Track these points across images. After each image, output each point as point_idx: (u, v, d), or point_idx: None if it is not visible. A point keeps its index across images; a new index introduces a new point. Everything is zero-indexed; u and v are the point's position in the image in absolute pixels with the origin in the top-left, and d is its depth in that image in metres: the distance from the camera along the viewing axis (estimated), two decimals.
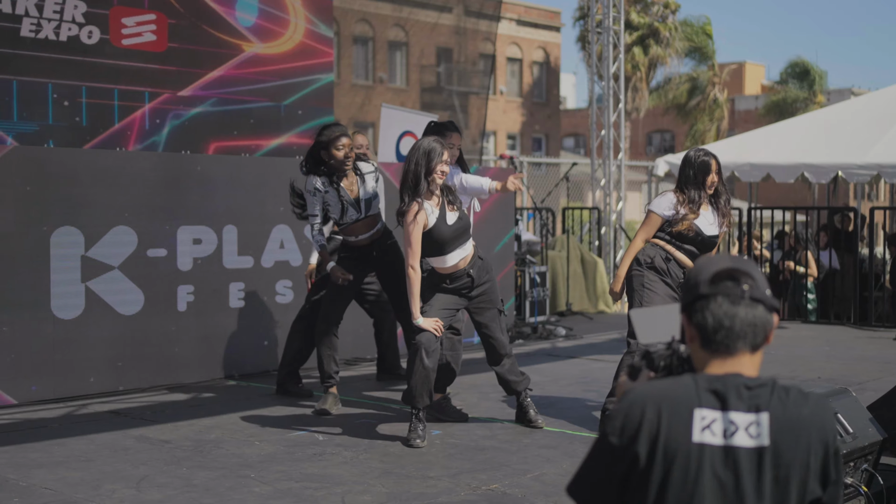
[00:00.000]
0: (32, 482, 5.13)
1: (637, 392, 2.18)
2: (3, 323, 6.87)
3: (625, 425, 2.14)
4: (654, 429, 2.12)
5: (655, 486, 2.11)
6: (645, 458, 2.12)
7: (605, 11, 14.83)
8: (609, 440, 2.16)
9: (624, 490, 2.15)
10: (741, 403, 2.14)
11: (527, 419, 6.46)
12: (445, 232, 5.96)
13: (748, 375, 2.20)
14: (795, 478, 2.14)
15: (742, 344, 2.20)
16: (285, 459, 5.59)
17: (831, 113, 15.79)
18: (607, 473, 2.16)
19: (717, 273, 2.22)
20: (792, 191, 30.68)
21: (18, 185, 6.94)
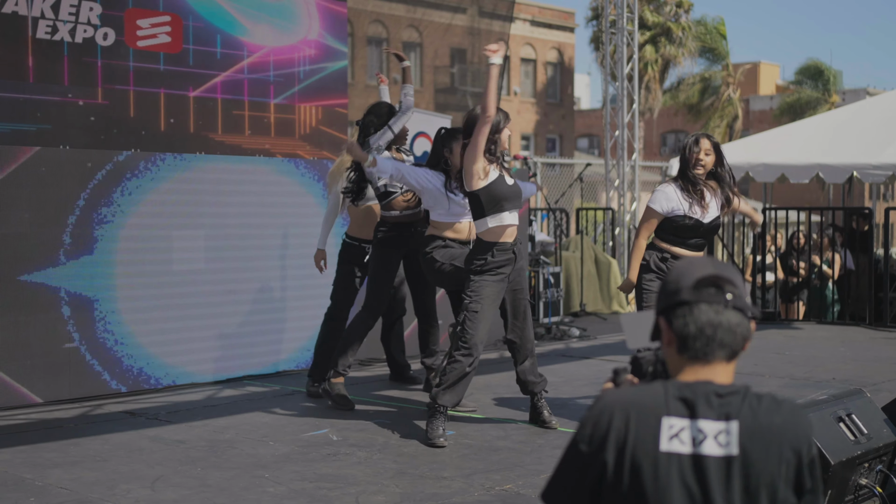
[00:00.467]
0: (48, 482, 5.16)
1: (606, 399, 2.16)
2: (20, 323, 6.90)
3: (593, 433, 2.13)
4: (622, 437, 2.10)
5: (624, 495, 2.10)
6: (613, 467, 2.10)
7: (619, 12, 14.82)
8: (579, 447, 2.15)
9: (595, 497, 2.14)
10: (711, 411, 2.12)
11: (541, 420, 6.46)
12: (505, 189, 6.04)
13: (720, 383, 2.17)
14: (766, 487, 2.11)
15: (720, 352, 2.18)
16: (299, 460, 5.61)
17: (846, 113, 15.73)
18: (578, 481, 2.15)
19: (699, 279, 2.18)
20: (807, 191, 30.60)
21: (34, 186, 6.97)
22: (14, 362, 6.88)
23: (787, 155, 13.52)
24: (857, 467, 4.57)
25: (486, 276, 6.02)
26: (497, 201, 6.02)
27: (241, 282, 8.08)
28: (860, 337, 10.89)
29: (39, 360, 7.00)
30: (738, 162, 13.90)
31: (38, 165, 7.03)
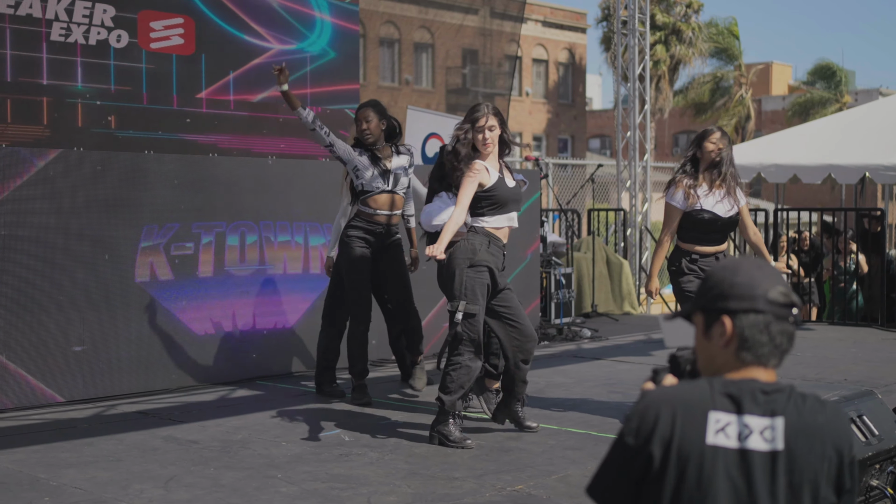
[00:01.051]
0: (63, 482, 5.19)
1: (653, 395, 2.22)
2: (35, 323, 6.94)
3: (640, 427, 2.18)
4: (668, 430, 2.15)
5: (670, 488, 2.15)
6: (659, 459, 2.15)
7: (631, 12, 14.81)
8: (625, 441, 2.21)
9: (640, 491, 2.19)
10: (756, 407, 2.17)
11: (518, 421, 6.36)
12: (506, 192, 6.00)
13: (765, 381, 2.22)
14: (809, 484, 2.15)
15: (776, 360, 2.26)
16: (312, 460, 5.63)
17: (859, 113, 15.69)
18: (623, 473, 2.20)
19: (775, 294, 2.24)
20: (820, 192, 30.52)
21: (49, 188, 7.01)
22: (29, 362, 6.92)
23: (799, 155, 13.50)
24: (868, 468, 4.58)
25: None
26: (499, 205, 5.96)
27: (254, 283, 8.11)
28: (872, 338, 10.87)
29: (53, 361, 7.04)
30: (751, 162, 13.88)
31: (52, 167, 7.07)
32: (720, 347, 2.25)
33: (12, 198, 6.85)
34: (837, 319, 12.29)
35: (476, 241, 5.89)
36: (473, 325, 5.84)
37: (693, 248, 6.49)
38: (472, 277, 5.84)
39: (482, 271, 5.85)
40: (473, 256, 5.84)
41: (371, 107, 7.12)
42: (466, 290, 5.83)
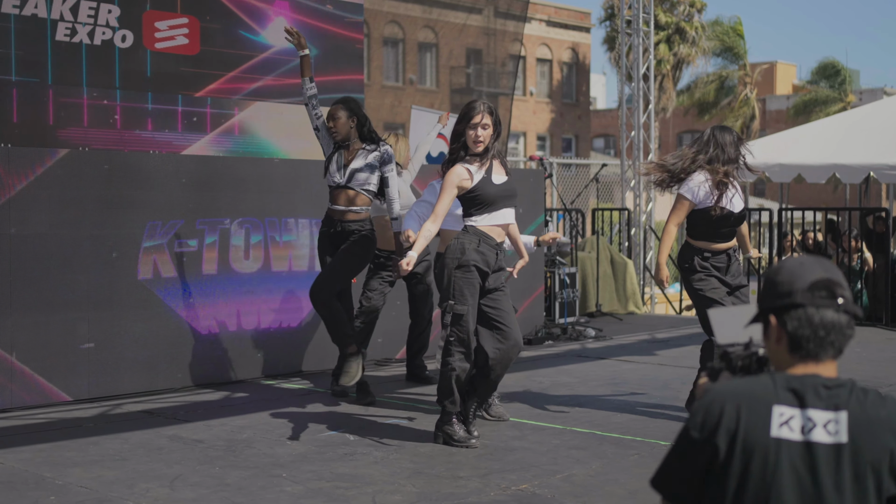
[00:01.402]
0: (68, 481, 5.21)
1: (717, 389, 2.28)
2: (40, 323, 6.96)
3: (705, 420, 2.24)
4: (734, 424, 2.21)
5: (735, 480, 2.21)
6: (724, 452, 2.21)
7: (635, 12, 14.81)
8: (690, 434, 2.26)
9: (704, 483, 2.26)
10: (819, 402, 2.23)
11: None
12: (492, 190, 5.86)
13: (826, 376, 2.28)
14: (872, 475, 2.20)
15: (830, 351, 2.30)
16: (316, 459, 5.64)
17: (863, 113, 15.68)
18: (688, 466, 2.27)
19: (814, 283, 2.29)
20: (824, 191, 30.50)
21: (55, 187, 7.03)
22: (34, 361, 6.94)
23: (803, 155, 13.49)
24: None
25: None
26: (486, 204, 5.88)
27: (261, 282, 8.12)
28: (876, 337, 10.87)
29: (59, 360, 7.05)
30: (755, 162, 13.84)
31: (58, 166, 7.08)
32: (775, 346, 2.32)
33: (18, 197, 6.87)
34: None
35: (465, 241, 5.84)
36: (462, 325, 5.81)
37: (707, 245, 6.52)
38: (460, 278, 5.79)
39: (470, 271, 5.80)
40: (461, 256, 5.80)
41: (342, 104, 7.01)
42: (454, 291, 5.81)
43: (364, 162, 6.94)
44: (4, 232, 6.82)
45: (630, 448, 5.96)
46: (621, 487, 5.16)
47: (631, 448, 5.95)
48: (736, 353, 2.44)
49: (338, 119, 6.95)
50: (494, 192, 5.88)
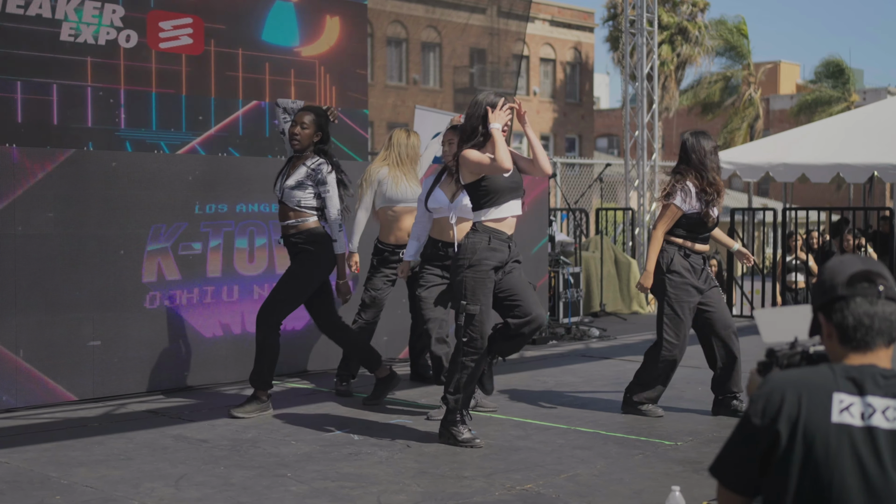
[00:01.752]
0: (74, 480, 5.22)
1: (777, 378, 2.38)
2: (44, 323, 6.97)
3: (766, 408, 2.33)
4: (795, 411, 2.31)
5: (797, 464, 2.30)
6: (786, 438, 2.30)
7: (639, 12, 14.81)
8: (752, 421, 2.35)
9: (764, 470, 2.34)
10: (878, 389, 2.31)
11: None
12: (501, 181, 5.86)
13: (882, 367, 2.36)
14: None
15: (880, 340, 2.38)
16: (321, 459, 5.65)
17: (867, 112, 15.67)
18: (749, 453, 2.36)
19: (853, 275, 2.42)
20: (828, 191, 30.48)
21: (59, 187, 7.03)
22: (39, 361, 6.95)
23: (807, 154, 13.48)
24: None
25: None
26: (494, 195, 5.86)
27: (263, 283, 8.13)
28: None
29: (63, 360, 7.06)
30: (759, 162, 13.87)
31: (63, 167, 7.09)
32: (828, 342, 2.44)
33: (23, 197, 6.88)
34: None
35: (476, 240, 5.84)
36: (475, 325, 5.80)
37: (688, 245, 6.69)
38: (471, 277, 5.79)
39: (481, 270, 5.81)
40: (472, 256, 5.80)
41: (313, 113, 6.76)
42: (466, 291, 5.82)
43: (296, 178, 6.70)
44: (9, 232, 6.83)
45: (634, 448, 5.96)
46: (626, 487, 5.16)
47: (635, 448, 5.96)
48: (782, 352, 2.57)
49: (305, 127, 6.70)
50: (503, 183, 5.87)
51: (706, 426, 6.51)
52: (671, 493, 4.31)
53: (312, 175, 6.70)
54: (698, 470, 5.45)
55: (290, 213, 6.75)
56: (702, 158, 6.61)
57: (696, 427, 6.48)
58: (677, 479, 5.21)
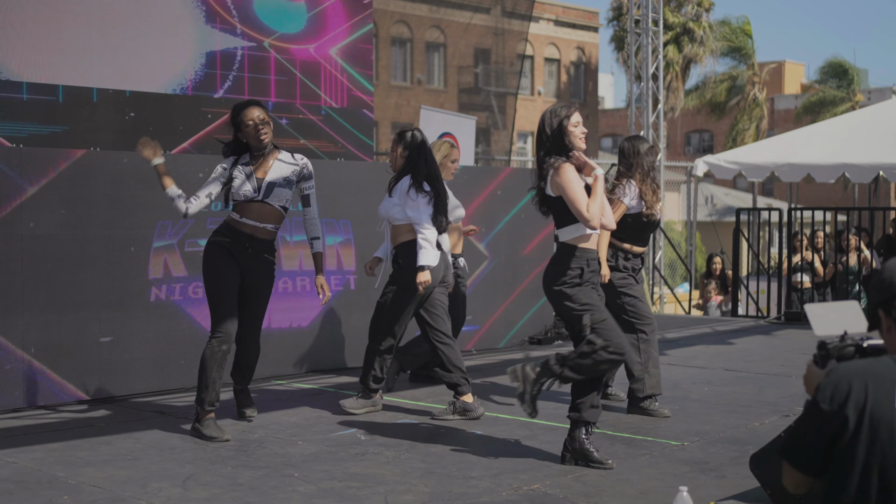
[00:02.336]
0: (81, 480, 5.22)
1: (842, 368, 2.56)
2: (52, 323, 6.98)
3: (834, 394, 2.52)
4: (862, 398, 2.49)
5: (864, 448, 2.49)
6: (853, 423, 2.49)
7: (644, 12, 14.81)
8: (820, 407, 2.54)
9: (830, 453, 2.53)
10: None
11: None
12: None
13: None
14: None
15: None
16: (328, 459, 5.65)
17: (872, 112, 15.67)
18: (817, 436, 2.55)
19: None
20: (833, 191, 30.44)
21: (67, 188, 7.05)
22: (46, 361, 6.96)
23: (812, 155, 13.48)
24: None
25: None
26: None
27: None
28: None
29: (71, 360, 7.07)
30: (764, 161, 13.87)
31: (70, 167, 7.10)
32: (887, 336, 2.62)
33: (31, 198, 6.89)
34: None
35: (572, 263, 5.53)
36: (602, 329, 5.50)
37: (630, 247, 6.94)
38: (582, 292, 5.51)
39: (580, 286, 5.50)
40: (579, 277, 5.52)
41: (262, 107, 6.37)
42: (586, 305, 5.52)
43: (281, 175, 6.31)
44: (17, 232, 6.84)
45: (641, 448, 5.96)
46: (632, 487, 5.16)
47: (642, 448, 5.96)
48: (833, 345, 2.77)
49: (269, 125, 6.31)
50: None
51: (713, 427, 6.51)
52: (678, 493, 4.32)
53: (299, 171, 6.46)
54: (705, 470, 5.45)
55: (274, 214, 6.38)
56: (640, 161, 6.89)
57: (702, 427, 6.48)
58: (684, 479, 5.22)
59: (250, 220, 6.26)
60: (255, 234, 6.29)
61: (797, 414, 4.78)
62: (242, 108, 6.32)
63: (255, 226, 6.27)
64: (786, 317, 12.34)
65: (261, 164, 6.32)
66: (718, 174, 14.56)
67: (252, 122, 6.24)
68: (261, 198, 6.24)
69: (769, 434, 5.12)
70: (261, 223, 6.29)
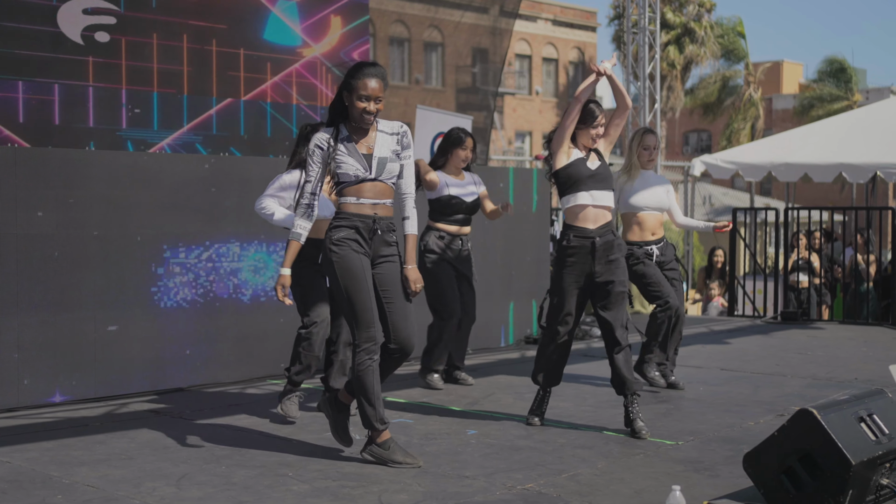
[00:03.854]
0: (75, 480, 5.22)
1: None
2: (47, 323, 6.98)
3: None
4: None
5: None
6: None
7: (641, 12, 14.81)
8: None
9: None
10: None
11: (634, 428, 6.22)
12: (584, 171, 6.27)
13: None
14: None
15: None
16: (323, 458, 5.65)
17: (870, 112, 15.67)
18: None
19: None
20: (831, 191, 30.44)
21: (60, 187, 7.04)
22: (41, 361, 6.96)
23: (809, 154, 13.49)
24: (878, 467, 4.58)
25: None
26: (574, 182, 6.30)
27: (268, 282, 8.13)
28: (883, 337, 10.86)
29: (65, 359, 7.07)
30: (761, 161, 13.88)
31: (64, 166, 7.10)
32: None
33: (25, 197, 6.89)
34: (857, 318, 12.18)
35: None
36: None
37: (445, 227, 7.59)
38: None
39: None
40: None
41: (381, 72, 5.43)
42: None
43: (389, 150, 5.46)
44: (11, 232, 6.84)
45: (636, 447, 5.96)
46: (627, 486, 5.16)
47: (637, 447, 5.96)
48: None
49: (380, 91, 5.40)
50: (587, 172, 6.34)
51: (707, 426, 6.51)
52: (671, 492, 4.32)
53: (399, 140, 5.55)
54: (699, 469, 5.45)
55: (386, 192, 5.49)
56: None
57: (697, 427, 6.48)
58: (678, 478, 5.22)
59: (369, 200, 5.40)
60: (378, 213, 5.43)
61: (791, 413, 4.77)
62: (363, 73, 5.37)
63: (374, 204, 5.41)
64: (782, 316, 12.34)
65: (363, 138, 5.45)
66: (715, 174, 14.57)
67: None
68: (373, 176, 5.40)
69: (764, 433, 5.11)
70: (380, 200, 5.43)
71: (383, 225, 5.40)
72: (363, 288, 5.32)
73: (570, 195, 6.30)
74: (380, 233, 5.39)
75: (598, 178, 6.27)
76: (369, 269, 5.39)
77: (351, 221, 5.35)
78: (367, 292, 5.33)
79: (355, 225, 5.35)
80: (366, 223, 5.36)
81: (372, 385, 5.37)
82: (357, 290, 5.31)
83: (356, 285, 5.31)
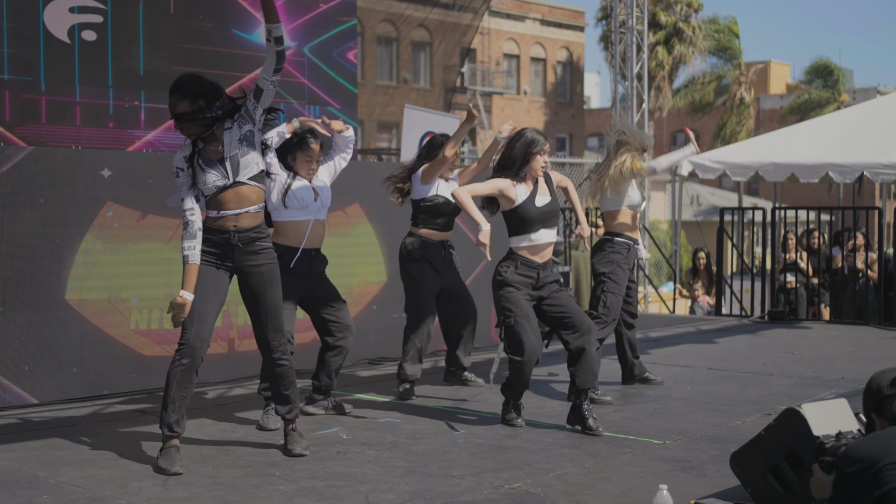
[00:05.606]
0: (61, 479, 5.20)
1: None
2: (33, 322, 6.95)
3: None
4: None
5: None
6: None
7: (629, 11, 14.83)
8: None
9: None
10: None
11: (586, 426, 6.27)
12: (532, 211, 6.24)
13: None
14: None
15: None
16: (310, 458, 5.64)
17: (857, 112, 15.72)
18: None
19: (893, 379, 3.31)
20: (818, 190, 30.54)
21: (45, 186, 7.01)
22: (27, 361, 6.93)
23: (796, 154, 13.52)
24: None
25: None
26: (524, 223, 6.28)
27: None
28: (869, 336, 10.89)
29: (51, 359, 7.05)
30: (748, 161, 13.91)
31: (52, 166, 7.07)
32: (883, 424, 3.25)
33: (11, 197, 6.86)
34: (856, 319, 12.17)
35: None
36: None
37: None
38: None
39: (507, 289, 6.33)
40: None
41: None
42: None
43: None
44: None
45: (623, 447, 5.96)
46: (614, 485, 5.17)
47: (624, 447, 5.96)
48: (830, 445, 3.30)
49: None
50: (536, 213, 6.28)
51: (695, 425, 6.52)
52: (658, 491, 4.33)
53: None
54: (686, 468, 5.46)
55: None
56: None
57: (684, 426, 6.49)
58: (665, 477, 5.22)
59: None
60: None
61: (778, 412, 4.78)
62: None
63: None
64: (769, 316, 12.37)
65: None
66: (703, 174, 14.60)
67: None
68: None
69: (751, 432, 5.12)
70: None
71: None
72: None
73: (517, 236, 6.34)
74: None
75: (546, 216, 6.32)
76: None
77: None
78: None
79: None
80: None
81: (171, 387, 5.48)
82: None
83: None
